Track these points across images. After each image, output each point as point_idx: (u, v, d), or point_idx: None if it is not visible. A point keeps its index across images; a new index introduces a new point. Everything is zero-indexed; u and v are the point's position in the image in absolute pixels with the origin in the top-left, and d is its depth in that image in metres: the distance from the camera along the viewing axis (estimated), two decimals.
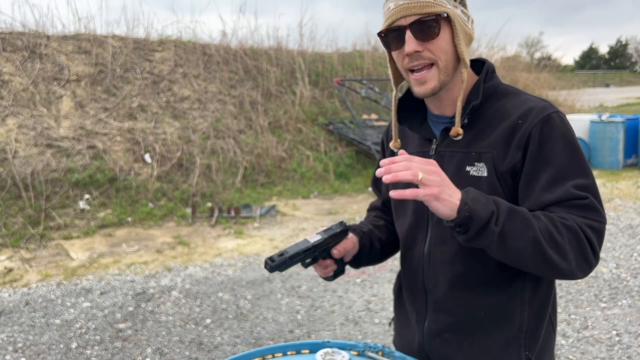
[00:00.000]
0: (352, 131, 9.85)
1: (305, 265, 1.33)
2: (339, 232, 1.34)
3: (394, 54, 1.20)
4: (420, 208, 1.30)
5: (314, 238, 1.30)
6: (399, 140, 1.35)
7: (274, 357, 1.52)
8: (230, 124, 9.20)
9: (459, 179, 1.17)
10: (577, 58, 63.22)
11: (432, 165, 1.04)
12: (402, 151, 1.09)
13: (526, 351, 1.23)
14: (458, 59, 1.17)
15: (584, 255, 1.07)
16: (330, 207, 7.66)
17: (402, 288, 1.45)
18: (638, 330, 3.75)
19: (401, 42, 1.15)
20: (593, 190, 1.11)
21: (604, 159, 9.79)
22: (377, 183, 1.58)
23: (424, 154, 1.27)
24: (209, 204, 7.28)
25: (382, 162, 1.03)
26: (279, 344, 1.55)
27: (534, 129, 1.12)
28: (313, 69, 11.17)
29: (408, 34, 1.13)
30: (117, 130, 8.10)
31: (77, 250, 5.70)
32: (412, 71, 1.18)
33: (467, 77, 1.18)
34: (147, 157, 7.81)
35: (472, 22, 1.20)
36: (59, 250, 5.72)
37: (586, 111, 15.08)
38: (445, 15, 1.12)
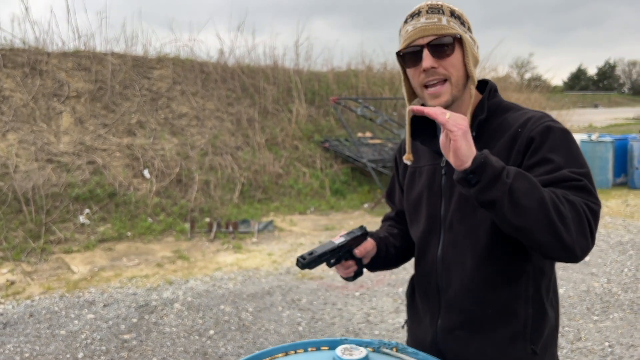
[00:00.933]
0: (348, 149, 10.01)
1: (330, 265, 1.43)
2: (360, 235, 1.45)
3: (410, 71, 1.33)
4: (433, 215, 1.42)
5: (338, 240, 1.41)
6: (411, 155, 1.45)
7: (296, 352, 1.62)
8: (228, 141, 9.33)
9: None
10: (565, 79, 64.39)
11: (460, 117, 1.12)
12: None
13: (531, 344, 1.32)
14: (467, 77, 1.31)
15: (583, 230, 1.11)
16: (326, 222, 7.77)
17: (416, 290, 1.55)
18: (629, 341, 3.88)
19: (418, 59, 1.29)
20: (588, 177, 1.19)
21: (594, 177, 9.92)
22: (391, 196, 1.71)
23: (435, 167, 1.41)
24: (207, 219, 7.36)
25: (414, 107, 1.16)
26: (300, 341, 1.65)
27: (532, 133, 1.22)
28: (309, 87, 11.38)
29: (425, 52, 1.27)
30: (117, 146, 8.19)
31: (78, 264, 5.75)
32: (427, 87, 1.31)
33: (475, 94, 1.32)
34: (146, 172, 7.90)
35: (478, 47, 1.36)
36: (59, 263, 5.77)
37: (576, 131, 15.40)
38: (459, 37, 1.27)
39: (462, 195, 1.31)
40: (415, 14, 1.30)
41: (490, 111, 1.33)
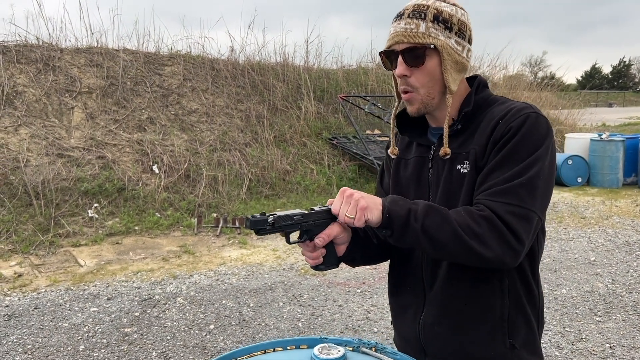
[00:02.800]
0: (356, 146, 10.02)
1: (290, 242, 1.28)
2: (326, 211, 1.27)
3: (393, 72, 1.35)
4: None
5: (295, 211, 1.26)
6: (397, 148, 1.49)
7: (275, 350, 1.65)
8: (237, 137, 9.39)
9: (452, 176, 1.31)
10: (579, 77, 63.61)
11: (343, 193, 1.22)
12: (329, 201, 1.27)
13: (509, 339, 1.32)
14: (444, 85, 1.30)
15: (505, 241, 1.13)
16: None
17: (399, 285, 1.50)
18: (632, 343, 3.85)
19: (395, 64, 1.30)
20: (527, 179, 1.17)
21: (604, 177, 9.90)
22: (382, 180, 1.61)
23: (422, 159, 1.43)
24: (215, 215, 7.43)
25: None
26: (280, 339, 1.68)
27: (512, 123, 1.22)
28: (318, 85, 11.38)
29: (399, 59, 1.28)
30: (127, 141, 8.29)
31: (85, 257, 5.85)
32: (404, 92, 1.33)
33: (462, 90, 1.34)
34: (155, 168, 7.99)
35: (469, 50, 1.32)
36: (67, 257, 5.87)
37: (588, 130, 15.22)
38: (432, 46, 1.25)
39: (448, 189, 1.32)
40: (399, 15, 1.29)
41: (477, 105, 1.34)
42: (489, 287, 1.32)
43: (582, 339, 3.94)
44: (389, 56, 1.32)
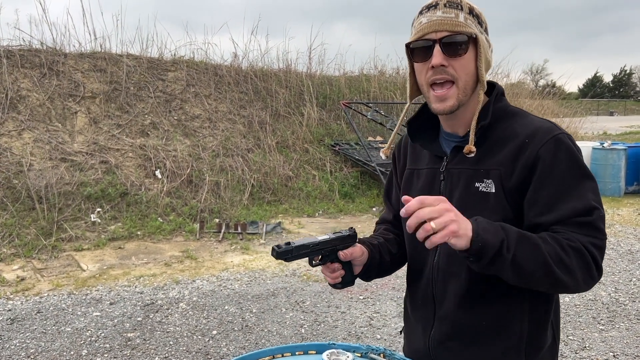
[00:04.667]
0: (358, 152, 10.03)
1: (313, 264, 1.36)
2: (347, 236, 1.36)
3: (418, 66, 1.26)
4: None
5: (321, 237, 1.33)
6: (391, 148, 1.47)
7: (283, 356, 1.65)
8: (239, 143, 9.41)
9: (468, 194, 1.25)
10: (581, 86, 63.72)
11: (442, 202, 1.07)
12: (405, 198, 1.11)
13: (526, 359, 1.28)
14: (477, 80, 1.24)
15: (589, 272, 1.13)
16: (334, 225, 7.79)
17: (411, 299, 1.50)
18: (635, 352, 3.84)
19: (428, 54, 1.20)
20: (596, 208, 1.15)
21: (606, 185, 9.90)
22: (388, 194, 1.60)
23: (434, 171, 1.35)
24: (217, 220, 7.43)
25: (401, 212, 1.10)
26: (288, 345, 1.68)
27: (541, 149, 1.17)
28: (321, 91, 11.42)
29: (437, 48, 1.19)
30: (130, 146, 8.31)
31: (88, 262, 5.85)
32: (433, 87, 1.23)
33: (481, 97, 1.25)
34: (157, 173, 8.00)
35: (492, 50, 1.29)
36: (70, 261, 5.87)
37: (589, 138, 15.23)
38: (474, 36, 1.19)
39: (464, 206, 1.22)
40: (432, 6, 1.21)
41: (495, 116, 1.27)
42: (508, 305, 1.28)
43: (585, 347, 3.94)
44: (418, 47, 1.23)
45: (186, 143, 8.88)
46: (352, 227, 1.40)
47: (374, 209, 8.89)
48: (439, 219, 1.05)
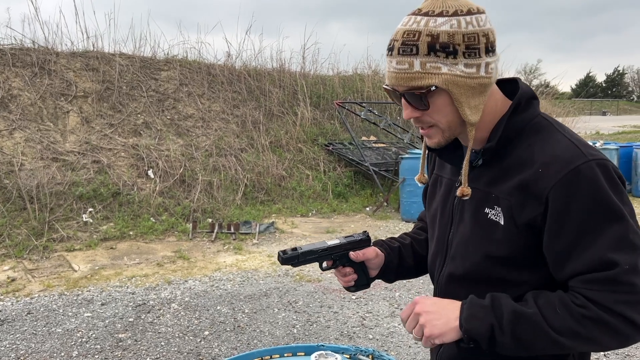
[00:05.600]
0: (351, 152, 10.03)
1: (323, 269, 1.34)
2: (359, 241, 1.32)
3: None
4: (442, 238, 1.27)
5: (332, 241, 1.31)
6: (425, 175, 1.34)
7: (272, 358, 1.65)
8: (233, 143, 9.38)
9: (477, 220, 1.14)
10: (573, 86, 64.09)
11: (414, 305, 1.11)
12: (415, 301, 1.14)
13: None
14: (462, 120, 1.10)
15: (622, 334, 0.98)
16: (328, 225, 7.79)
17: None
18: (625, 351, 3.86)
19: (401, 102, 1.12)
20: (627, 254, 0.97)
21: None
22: (425, 192, 1.48)
23: (452, 183, 1.26)
24: (210, 220, 7.41)
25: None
26: (277, 346, 1.67)
27: (556, 185, 0.99)
28: (314, 91, 11.41)
29: (404, 102, 1.10)
30: (122, 146, 8.27)
31: (79, 262, 5.81)
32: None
33: (493, 106, 1.11)
34: (150, 172, 7.97)
35: (486, 65, 1.05)
36: (61, 261, 5.84)
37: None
38: (434, 88, 1.03)
39: (471, 231, 1.16)
40: (390, 48, 1.06)
41: (515, 130, 1.09)
42: None
43: None
44: (391, 94, 1.13)
45: (179, 143, 8.85)
46: (365, 231, 1.38)
47: (368, 208, 8.90)
48: (415, 327, 1.09)
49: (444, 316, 1.07)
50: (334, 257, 1.31)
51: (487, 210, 1.11)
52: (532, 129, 1.09)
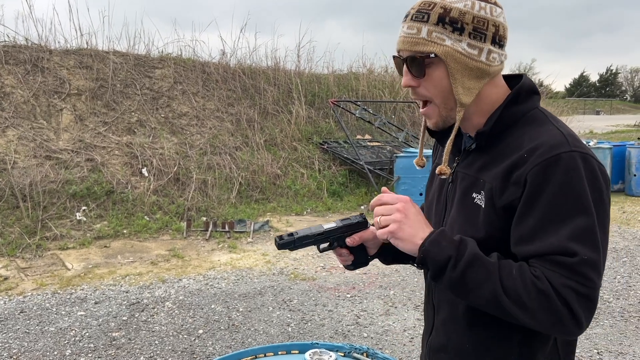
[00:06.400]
0: (346, 150, 10.03)
1: (321, 250, 1.34)
2: (356, 223, 1.32)
3: None
4: (438, 221, 1.28)
5: (328, 224, 1.31)
6: (424, 159, 1.35)
7: (265, 356, 1.64)
8: (227, 141, 9.36)
9: (464, 203, 1.17)
10: (567, 85, 64.44)
11: (400, 202, 1.12)
12: (384, 189, 1.20)
13: None
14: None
15: (556, 317, 0.99)
16: (322, 223, 7.78)
17: (425, 298, 1.46)
18: (619, 349, 3.88)
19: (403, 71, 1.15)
20: (589, 247, 0.99)
21: None
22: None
23: (450, 168, 1.27)
24: (204, 219, 7.39)
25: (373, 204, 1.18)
26: (271, 344, 1.67)
27: (535, 168, 1.01)
28: (309, 89, 11.40)
29: (404, 68, 1.13)
30: (116, 144, 8.23)
31: (73, 261, 5.78)
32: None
33: (494, 96, 1.14)
34: (144, 171, 7.94)
35: (488, 52, 1.08)
36: (54, 260, 5.80)
37: None
38: (433, 55, 1.07)
39: (462, 215, 1.18)
40: (406, 15, 1.12)
41: (510, 120, 1.12)
42: (495, 335, 1.16)
43: None
44: (396, 61, 1.17)
45: (173, 141, 8.81)
46: (362, 214, 1.35)
47: (362, 207, 8.90)
48: (386, 216, 1.11)
49: (416, 229, 1.11)
50: (331, 240, 1.32)
51: (474, 194, 1.15)
52: (527, 120, 1.12)
